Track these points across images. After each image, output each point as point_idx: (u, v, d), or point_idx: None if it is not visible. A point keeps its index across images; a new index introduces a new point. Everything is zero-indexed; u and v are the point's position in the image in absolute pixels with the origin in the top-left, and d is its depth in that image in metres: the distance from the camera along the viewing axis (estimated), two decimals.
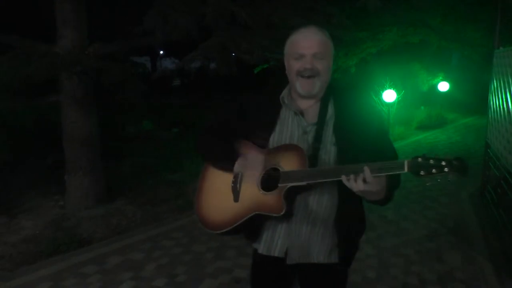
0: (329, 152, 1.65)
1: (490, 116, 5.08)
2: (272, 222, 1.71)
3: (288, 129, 1.71)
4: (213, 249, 3.98)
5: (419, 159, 1.40)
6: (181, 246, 4.08)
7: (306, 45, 1.63)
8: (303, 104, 1.72)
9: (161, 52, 25.87)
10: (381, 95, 10.15)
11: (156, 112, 11.09)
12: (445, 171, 1.38)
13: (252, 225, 1.72)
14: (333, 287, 1.82)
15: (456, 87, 13.56)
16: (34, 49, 4.52)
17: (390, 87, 10.14)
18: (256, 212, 1.62)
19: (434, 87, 13.25)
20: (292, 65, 1.66)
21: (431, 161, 1.39)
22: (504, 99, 4.28)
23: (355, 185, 1.46)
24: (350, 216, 1.72)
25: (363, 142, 1.62)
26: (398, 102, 10.48)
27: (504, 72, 4.35)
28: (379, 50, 10.31)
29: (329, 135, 1.66)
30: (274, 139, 1.71)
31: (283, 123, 1.72)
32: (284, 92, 1.75)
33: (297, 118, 1.71)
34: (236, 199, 1.68)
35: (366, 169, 1.44)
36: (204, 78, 19.82)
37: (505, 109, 4.19)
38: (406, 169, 1.40)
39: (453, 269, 3.60)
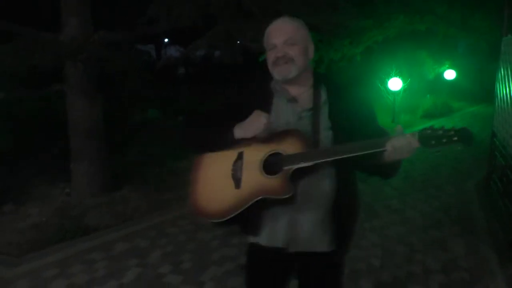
0: (325, 136, 1.66)
1: (497, 104, 5.04)
2: (273, 212, 1.69)
3: (283, 116, 1.71)
4: (218, 236, 4.00)
5: (428, 130, 1.44)
6: (186, 233, 4.11)
7: (276, 34, 1.68)
8: (294, 91, 1.73)
9: (166, 40, 25.75)
10: (387, 83, 10.10)
11: (161, 101, 11.08)
12: (454, 140, 1.42)
13: (250, 218, 1.71)
14: (333, 275, 1.83)
15: (463, 75, 13.47)
16: (38, 37, 4.52)
17: (396, 75, 10.08)
18: (261, 197, 1.60)
19: (440, 75, 13.16)
20: (268, 56, 1.71)
21: (440, 132, 1.43)
22: (511, 88, 4.24)
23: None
24: (348, 202, 1.73)
25: (357, 126, 1.64)
26: (404, 90, 10.43)
27: None
28: (385, 38, 10.21)
29: (324, 120, 1.68)
30: (270, 127, 1.68)
31: (277, 110, 1.73)
32: (274, 80, 1.76)
33: (291, 104, 1.72)
34: (237, 185, 1.66)
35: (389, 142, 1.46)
36: (209, 67, 19.74)
37: None
38: (417, 139, 1.44)
39: (457, 258, 3.61)
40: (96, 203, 4.80)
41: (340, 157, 1.53)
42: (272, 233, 1.71)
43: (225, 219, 1.65)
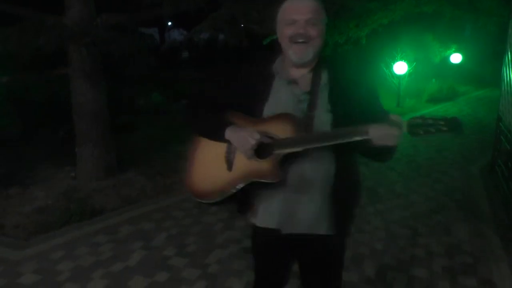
0: (324, 119, 1.64)
1: (503, 88, 4.99)
2: (268, 194, 1.70)
3: (282, 98, 1.69)
4: (223, 220, 4.03)
5: (418, 120, 1.44)
6: (191, 216, 4.14)
7: (299, 11, 1.62)
8: (296, 73, 1.70)
9: (169, 23, 25.58)
10: (392, 66, 10.02)
11: (165, 85, 11.07)
12: (443, 130, 1.43)
13: (246, 198, 1.72)
14: (331, 259, 1.83)
15: (469, 58, 13.32)
16: (43, 20, 4.49)
17: (401, 59, 9.99)
18: (250, 179, 1.62)
19: (447, 59, 13.02)
20: (285, 32, 1.64)
21: (430, 121, 1.43)
22: None
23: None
24: (347, 185, 1.72)
25: (357, 108, 1.62)
26: (409, 74, 10.34)
27: None
28: (391, 20, 10.08)
29: (324, 103, 1.65)
30: (268, 109, 1.68)
31: (276, 93, 1.70)
32: (277, 62, 1.74)
33: (291, 87, 1.69)
34: (229, 168, 1.68)
35: (370, 127, 1.47)
36: (213, 50, 19.63)
37: None
38: (405, 129, 1.45)
39: (461, 242, 3.62)
40: (101, 186, 4.84)
41: (327, 143, 1.54)
42: (266, 214, 1.73)
43: (215, 200, 1.69)
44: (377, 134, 1.46)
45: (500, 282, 3.05)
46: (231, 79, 1.81)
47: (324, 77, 1.69)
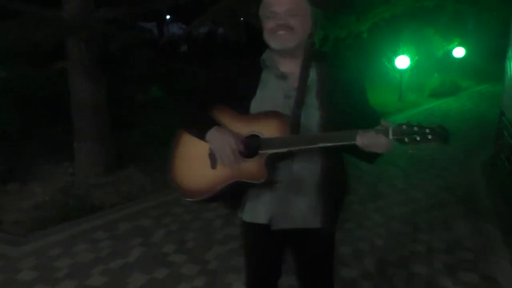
0: (312, 116, 1.60)
1: (506, 83, 4.95)
2: (255, 189, 1.68)
3: (270, 93, 1.66)
4: (222, 216, 4.00)
5: (404, 126, 1.40)
6: (190, 213, 4.12)
7: (278, 3, 1.60)
8: (285, 67, 1.67)
9: (168, 17, 25.50)
10: (394, 61, 9.97)
11: (164, 80, 11.02)
12: (428, 139, 1.38)
13: (233, 193, 1.69)
14: (321, 252, 1.83)
15: (472, 53, 13.26)
16: (41, 14, 4.46)
17: (403, 53, 9.94)
18: (236, 180, 1.59)
19: (449, 53, 12.95)
20: (266, 25, 1.63)
21: (415, 128, 1.38)
22: None
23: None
24: (334, 180, 1.70)
25: (346, 106, 1.60)
26: (411, 68, 10.29)
27: None
28: (392, 14, 10.03)
29: (312, 100, 1.62)
30: (256, 104, 1.65)
31: (264, 87, 1.67)
32: (265, 55, 1.70)
33: (279, 82, 1.66)
34: (213, 166, 1.64)
35: (359, 135, 1.45)
36: (212, 44, 19.56)
37: None
38: (390, 136, 1.41)
39: (462, 238, 3.60)
40: (100, 182, 4.82)
41: (313, 146, 1.52)
42: (254, 210, 1.71)
43: (199, 199, 1.66)
44: (364, 141, 1.44)
45: (501, 278, 3.03)
46: (220, 73, 1.79)
47: (313, 72, 1.65)
